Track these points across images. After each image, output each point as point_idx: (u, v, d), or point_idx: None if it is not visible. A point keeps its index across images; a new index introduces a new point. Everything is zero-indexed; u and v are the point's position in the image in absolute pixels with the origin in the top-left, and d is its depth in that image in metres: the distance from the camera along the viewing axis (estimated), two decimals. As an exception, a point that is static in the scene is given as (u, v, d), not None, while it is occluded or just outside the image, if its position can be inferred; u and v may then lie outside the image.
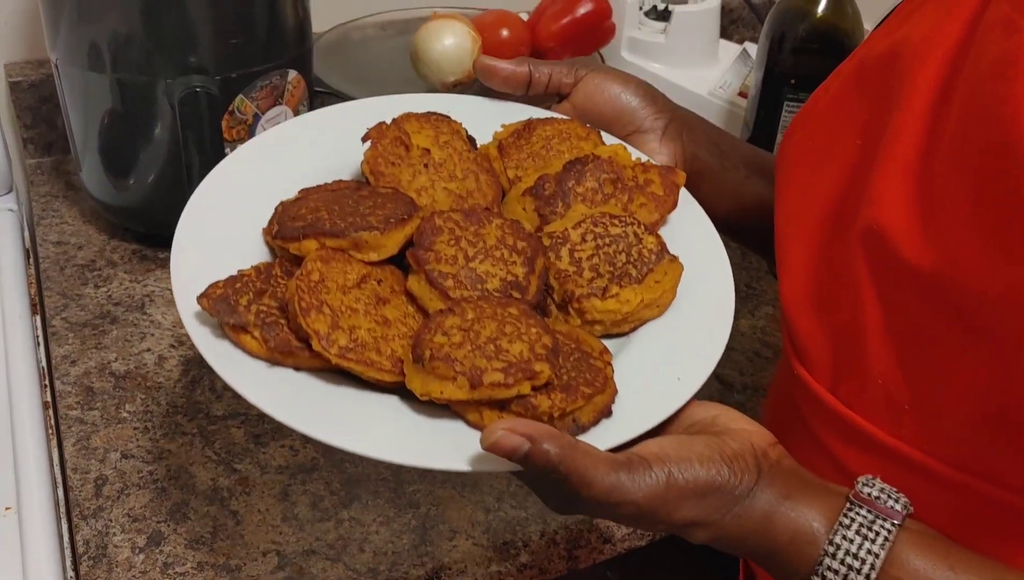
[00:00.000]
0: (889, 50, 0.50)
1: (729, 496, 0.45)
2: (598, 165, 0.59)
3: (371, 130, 0.58)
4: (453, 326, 0.47)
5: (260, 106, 0.83)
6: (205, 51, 0.77)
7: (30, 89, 0.98)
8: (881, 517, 0.44)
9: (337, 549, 0.63)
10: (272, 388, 0.46)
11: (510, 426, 0.42)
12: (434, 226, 0.53)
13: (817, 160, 0.54)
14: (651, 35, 1.06)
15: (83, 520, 0.63)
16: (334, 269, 0.50)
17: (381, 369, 0.47)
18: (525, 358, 0.46)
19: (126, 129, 0.82)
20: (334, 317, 0.48)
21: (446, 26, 0.94)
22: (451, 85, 0.95)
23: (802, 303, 0.53)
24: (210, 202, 0.55)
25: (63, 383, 0.74)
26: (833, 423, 0.51)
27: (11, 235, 0.91)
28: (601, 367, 0.49)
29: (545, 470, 0.42)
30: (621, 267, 0.54)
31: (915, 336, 0.46)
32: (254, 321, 0.47)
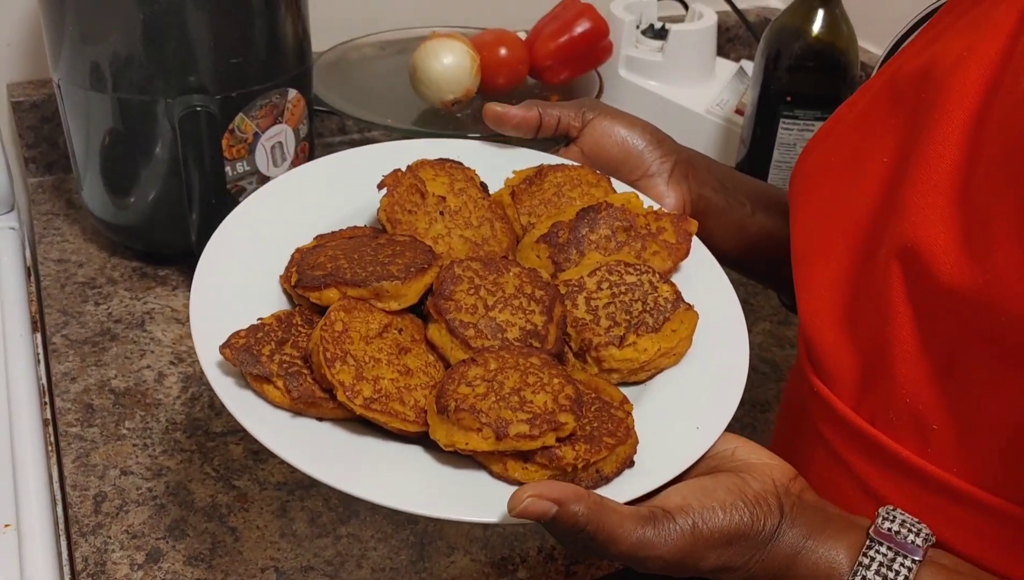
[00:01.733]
0: (922, 68, 0.50)
1: (754, 541, 0.45)
2: (611, 213, 0.59)
3: (387, 177, 0.58)
4: (476, 377, 0.48)
5: (260, 125, 0.83)
6: (205, 70, 0.78)
7: (32, 109, 0.99)
8: (901, 554, 0.44)
9: (335, 565, 0.63)
10: (297, 439, 0.46)
11: (537, 492, 0.42)
12: (453, 275, 0.53)
13: (842, 177, 0.54)
14: (648, 53, 1.07)
15: (82, 537, 0.64)
16: (356, 319, 0.50)
17: (405, 419, 0.47)
18: (549, 409, 0.46)
19: (127, 148, 0.82)
20: (358, 367, 0.48)
21: (445, 45, 0.95)
22: (450, 103, 0.96)
23: (825, 320, 0.52)
24: (226, 249, 0.55)
25: (63, 400, 0.74)
26: (855, 441, 0.50)
27: (12, 253, 0.92)
28: (622, 417, 0.49)
29: (574, 530, 0.43)
30: (638, 316, 0.54)
31: (949, 357, 0.45)
32: (277, 371, 0.47)
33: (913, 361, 0.46)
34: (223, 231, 0.56)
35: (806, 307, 0.54)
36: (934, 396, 0.46)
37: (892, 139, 0.51)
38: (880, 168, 0.51)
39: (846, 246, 0.52)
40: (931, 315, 0.45)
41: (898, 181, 0.48)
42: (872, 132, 0.53)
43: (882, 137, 0.52)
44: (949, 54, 0.48)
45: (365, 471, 0.46)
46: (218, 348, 0.48)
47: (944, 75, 0.47)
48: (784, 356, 0.86)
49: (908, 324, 0.46)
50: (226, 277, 0.54)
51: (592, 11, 0.99)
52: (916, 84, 0.50)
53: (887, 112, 0.52)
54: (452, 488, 0.46)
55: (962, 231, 0.44)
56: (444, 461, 0.47)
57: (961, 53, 0.47)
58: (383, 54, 1.08)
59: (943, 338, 0.45)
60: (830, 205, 0.54)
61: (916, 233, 0.45)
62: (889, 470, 0.49)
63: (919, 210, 0.46)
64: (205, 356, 0.49)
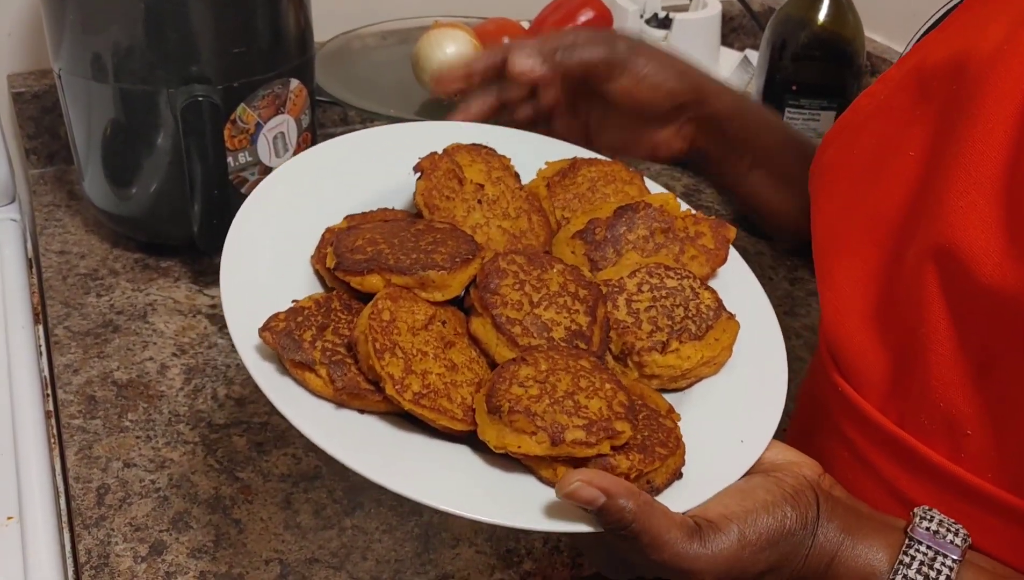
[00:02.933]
0: (952, 60, 0.48)
1: (800, 536, 0.45)
2: (649, 213, 0.58)
3: (423, 161, 0.57)
4: (528, 377, 0.46)
5: (262, 115, 0.83)
6: (207, 60, 0.78)
7: (33, 100, 0.99)
8: (941, 553, 0.44)
9: (340, 557, 0.63)
10: (340, 432, 0.45)
11: (587, 478, 0.42)
12: (499, 268, 0.51)
13: (865, 170, 0.52)
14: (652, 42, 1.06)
15: (85, 529, 0.63)
16: (403, 309, 0.48)
17: (453, 418, 0.46)
18: (605, 416, 0.45)
19: (128, 139, 0.82)
20: (407, 360, 0.46)
21: (448, 35, 0.95)
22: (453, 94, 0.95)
23: (851, 318, 0.51)
24: (253, 228, 0.53)
25: (65, 392, 0.74)
26: (882, 443, 0.49)
27: (14, 245, 0.91)
28: (672, 427, 0.48)
29: (619, 525, 0.42)
30: (680, 322, 0.53)
31: (986, 360, 0.44)
32: (320, 358, 0.45)
33: (948, 364, 0.45)
34: (248, 209, 0.54)
35: (829, 304, 0.53)
36: (969, 400, 0.44)
37: (920, 132, 0.49)
38: (908, 162, 0.49)
39: (873, 243, 0.50)
40: (969, 317, 0.44)
41: (931, 178, 0.47)
42: (896, 124, 0.51)
43: (908, 130, 0.50)
44: (985, 44, 0.46)
45: (413, 469, 0.44)
46: (257, 331, 0.46)
47: (981, 67, 0.45)
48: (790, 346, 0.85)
49: (944, 326, 0.45)
50: (255, 257, 0.52)
51: (596, 0, 0.98)
52: (947, 75, 0.48)
53: (912, 104, 0.50)
54: (501, 491, 0.45)
55: (1006, 231, 0.42)
56: (491, 463, 0.46)
57: (999, 44, 0.45)
58: (385, 44, 1.07)
59: (981, 341, 0.44)
60: (853, 199, 0.53)
61: (954, 233, 0.44)
62: (919, 474, 0.48)
63: (957, 209, 0.44)
64: (241, 340, 0.47)
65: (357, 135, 0.62)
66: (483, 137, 0.62)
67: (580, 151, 0.65)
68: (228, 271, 0.50)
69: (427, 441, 0.46)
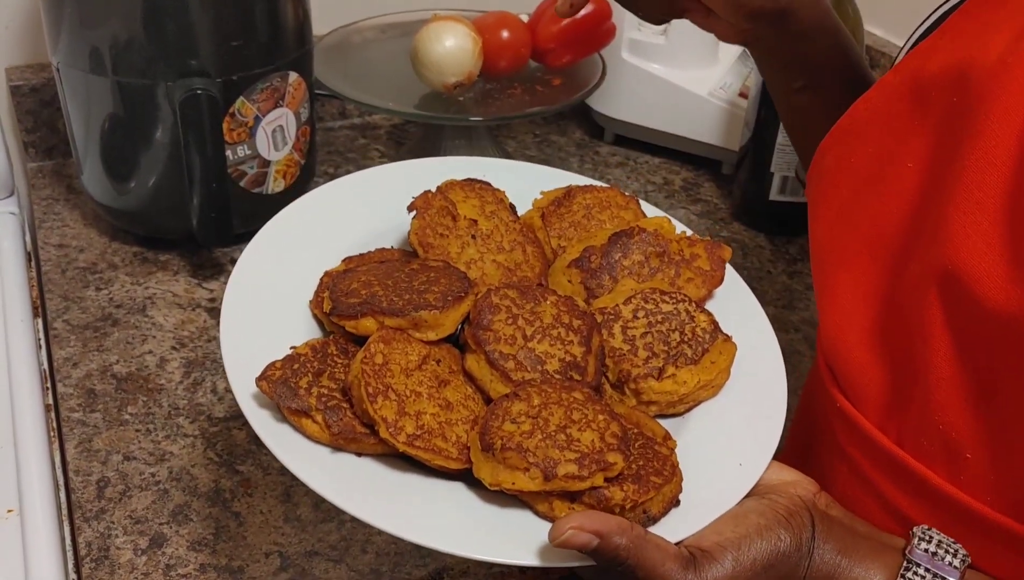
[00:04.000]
0: (952, 70, 0.46)
1: (795, 558, 0.45)
2: (644, 238, 0.59)
3: (417, 199, 0.57)
4: (520, 413, 0.47)
5: (261, 108, 0.83)
6: (206, 54, 0.78)
7: (31, 93, 0.99)
8: (939, 576, 0.44)
9: (340, 550, 0.63)
10: (338, 477, 0.46)
11: (579, 523, 0.42)
12: (491, 304, 0.52)
13: (864, 181, 0.51)
14: (651, 36, 1.06)
15: (85, 522, 0.63)
16: (396, 350, 0.49)
17: (448, 457, 0.46)
18: (597, 448, 0.45)
19: (127, 132, 0.82)
20: (400, 402, 0.47)
21: (447, 28, 0.95)
22: (452, 86, 0.95)
23: (851, 335, 0.50)
24: (253, 273, 0.55)
25: (65, 385, 0.74)
26: (882, 462, 0.49)
27: (12, 238, 0.91)
28: (667, 455, 0.48)
29: (615, 562, 0.42)
30: (676, 347, 0.53)
31: (989, 385, 0.43)
32: (315, 405, 0.46)
33: (949, 387, 0.44)
34: (249, 254, 0.56)
35: (828, 318, 0.52)
36: (970, 424, 0.44)
37: (919, 144, 0.48)
38: (907, 175, 0.48)
39: (873, 259, 0.49)
40: (971, 341, 0.43)
41: (932, 194, 0.45)
42: (892, 134, 0.50)
43: (906, 140, 0.48)
44: (988, 53, 0.44)
45: (411, 511, 0.45)
46: (254, 381, 0.47)
47: (984, 80, 0.43)
48: (789, 340, 0.85)
49: (946, 349, 0.44)
50: (255, 303, 0.53)
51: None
52: (947, 86, 0.46)
53: (910, 114, 0.49)
54: (498, 529, 0.45)
55: (1010, 254, 0.41)
56: (488, 499, 0.46)
57: (1002, 56, 0.43)
58: (384, 37, 1.07)
59: (983, 365, 0.43)
60: (851, 209, 0.52)
61: (958, 256, 0.42)
62: (916, 495, 0.47)
63: (961, 231, 0.42)
64: (239, 388, 0.48)
65: (353, 177, 0.63)
66: (479, 171, 0.63)
67: (575, 179, 0.66)
68: (228, 319, 0.51)
69: (423, 481, 0.47)
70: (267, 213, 0.58)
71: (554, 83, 1.01)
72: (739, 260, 0.96)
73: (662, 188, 1.07)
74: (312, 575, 0.61)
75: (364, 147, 1.10)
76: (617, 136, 1.14)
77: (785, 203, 0.98)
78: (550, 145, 1.14)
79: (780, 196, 0.98)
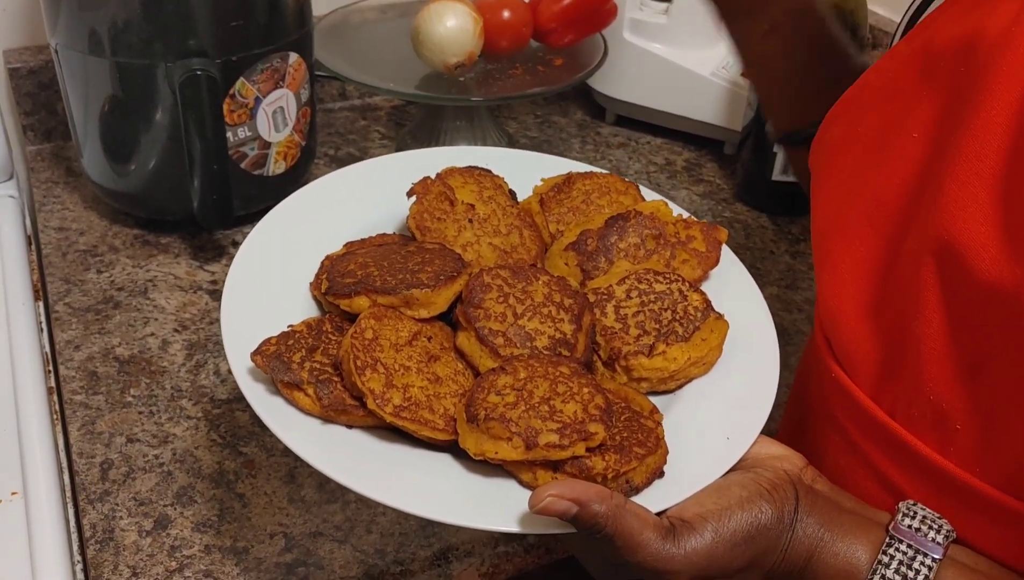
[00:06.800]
0: (961, 40, 0.46)
1: (776, 531, 0.45)
2: (640, 221, 0.59)
3: (416, 185, 0.59)
4: (506, 386, 0.48)
5: (261, 89, 0.82)
6: (205, 34, 0.77)
7: (30, 75, 0.98)
8: (922, 552, 0.44)
9: (344, 531, 0.63)
10: (327, 447, 0.47)
11: (558, 491, 0.42)
12: (483, 283, 0.53)
13: (868, 149, 0.51)
14: (653, 16, 1.06)
15: (89, 504, 0.63)
16: (386, 327, 0.50)
17: (435, 428, 0.47)
18: (579, 419, 0.46)
19: (127, 114, 0.81)
20: (388, 375, 0.48)
21: (448, 8, 0.94)
22: (453, 67, 0.95)
23: (848, 304, 0.50)
24: (256, 257, 0.56)
25: (67, 368, 0.74)
26: (873, 432, 0.49)
27: (12, 222, 0.91)
28: (652, 427, 0.48)
29: (593, 529, 0.42)
30: (667, 325, 0.54)
31: (980, 357, 0.43)
32: (307, 378, 0.48)
33: (941, 359, 0.44)
34: (253, 239, 0.57)
35: (826, 287, 0.52)
36: (960, 396, 0.44)
37: (924, 114, 0.47)
38: (910, 145, 0.47)
39: (873, 228, 0.49)
40: (963, 314, 0.43)
41: (933, 164, 0.45)
42: (901, 103, 0.49)
43: (912, 110, 0.48)
44: (994, 25, 0.44)
45: (394, 479, 0.46)
46: (249, 355, 0.49)
47: (989, 50, 0.43)
48: (792, 320, 0.85)
49: (939, 320, 0.44)
50: (257, 285, 0.54)
51: (596, -28, 0.97)
52: (955, 57, 0.46)
53: (917, 84, 0.48)
54: (481, 497, 0.46)
55: (1004, 226, 0.41)
56: (473, 469, 0.47)
57: (1008, 26, 0.43)
58: (385, 17, 1.07)
59: (976, 337, 0.43)
60: (855, 179, 0.51)
61: (954, 226, 0.42)
62: (907, 465, 0.47)
63: (958, 202, 0.42)
64: (236, 363, 0.49)
65: (358, 166, 0.65)
66: (487, 160, 0.64)
67: (576, 166, 0.66)
68: (229, 300, 0.53)
69: (411, 451, 0.48)
70: (268, 195, 0.59)
71: (556, 63, 1.01)
72: (741, 240, 0.96)
73: (664, 169, 1.07)
74: (316, 556, 0.61)
75: (365, 128, 1.10)
76: (619, 117, 1.13)
77: (788, 183, 0.98)
78: (551, 126, 1.14)
79: (783, 176, 0.98)
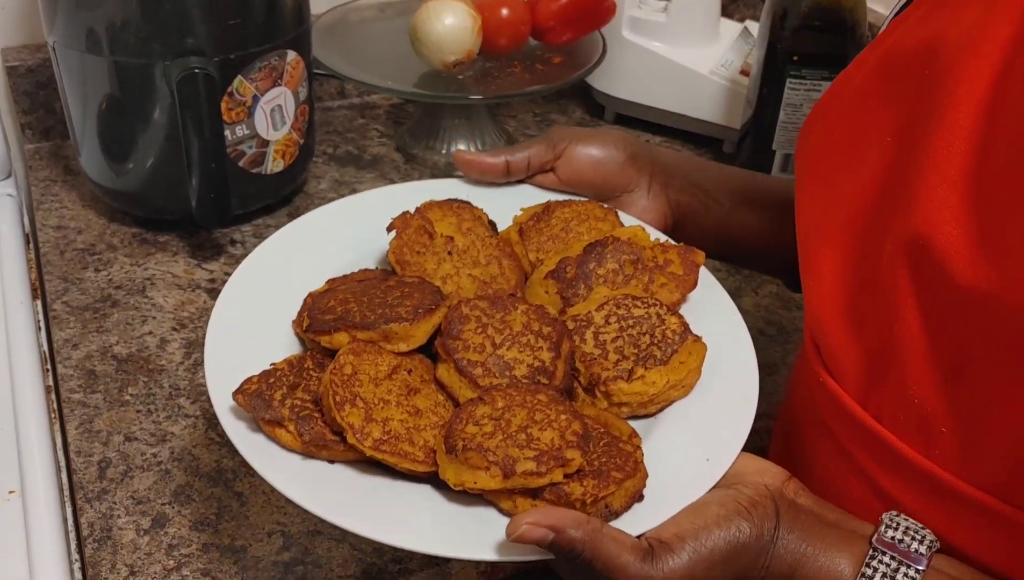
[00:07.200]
0: (923, 45, 0.46)
1: (756, 548, 0.45)
2: (617, 246, 0.59)
3: (395, 220, 0.60)
4: (484, 415, 0.48)
5: (259, 88, 0.82)
6: (203, 32, 0.77)
7: (27, 74, 0.98)
8: (905, 563, 0.44)
9: (342, 529, 0.63)
10: (308, 481, 0.47)
11: (535, 519, 0.43)
12: (461, 315, 0.53)
13: (842, 157, 0.51)
14: (652, 14, 1.05)
15: (87, 503, 0.63)
16: (366, 361, 0.51)
17: (415, 460, 0.47)
18: (556, 446, 0.46)
19: (124, 112, 0.81)
20: (367, 409, 0.49)
21: (446, 6, 0.94)
22: (451, 65, 0.95)
23: (832, 311, 0.50)
24: (240, 295, 0.57)
25: (65, 367, 0.74)
26: (861, 437, 0.49)
27: (11, 220, 0.91)
28: (631, 451, 0.49)
29: (571, 554, 0.43)
30: (646, 349, 0.54)
31: (959, 359, 0.43)
32: (288, 415, 0.48)
33: (922, 362, 0.44)
34: (237, 277, 0.58)
35: (812, 293, 0.52)
36: (943, 399, 0.44)
37: (892, 119, 0.48)
38: (882, 150, 0.48)
39: (852, 233, 0.49)
40: (941, 315, 0.43)
41: (902, 167, 0.45)
42: (870, 110, 0.50)
43: (880, 116, 0.48)
44: (955, 29, 0.44)
45: (375, 512, 0.46)
46: (231, 394, 0.49)
47: (951, 53, 0.44)
48: (791, 318, 0.85)
49: (918, 324, 0.44)
50: (240, 324, 0.55)
51: (595, -29, 0.97)
52: (917, 61, 0.46)
53: (884, 89, 0.49)
54: (462, 527, 0.46)
55: (976, 229, 0.40)
56: (454, 500, 0.47)
57: (970, 29, 0.43)
58: (383, 16, 1.06)
59: (954, 339, 0.42)
60: (833, 185, 0.51)
61: (927, 229, 0.42)
62: (895, 469, 0.47)
63: (929, 204, 0.42)
64: (219, 401, 0.50)
65: (340, 202, 0.65)
66: (468, 192, 0.65)
67: (556, 196, 0.67)
68: (213, 337, 0.54)
69: (391, 484, 0.48)
70: (266, 193, 0.59)
71: (554, 61, 1.01)
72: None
73: (663, 167, 1.06)
74: (315, 554, 0.61)
75: (363, 126, 1.10)
76: (618, 115, 1.13)
77: (786, 181, 0.98)
78: (550, 124, 1.14)
79: (782, 174, 0.98)
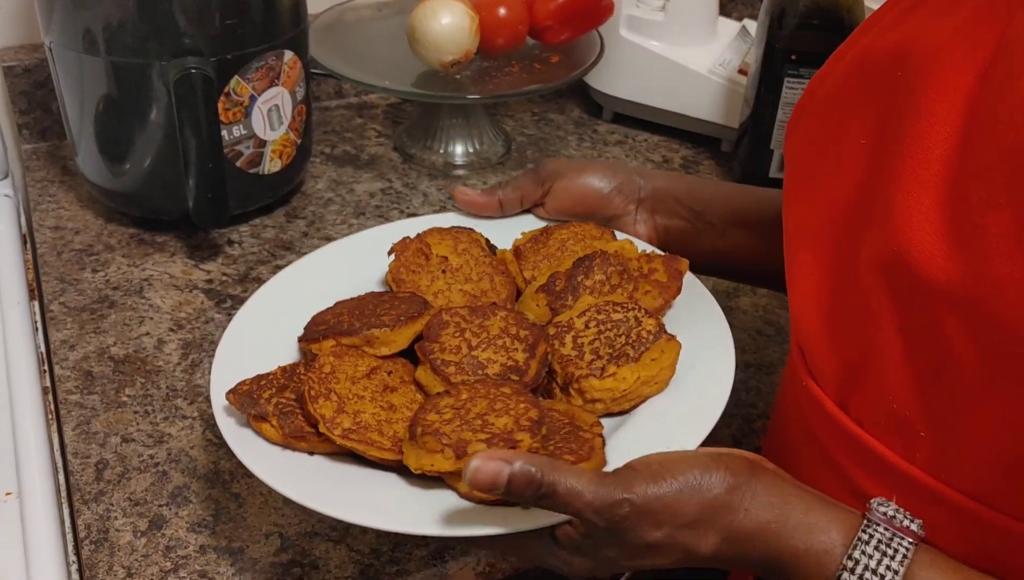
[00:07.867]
0: (895, 49, 0.46)
1: (727, 484, 0.45)
2: (605, 259, 0.62)
3: (396, 244, 0.64)
4: (447, 406, 0.51)
5: (256, 88, 0.82)
6: (199, 32, 0.77)
7: (24, 74, 0.98)
8: (899, 535, 0.44)
9: (340, 531, 0.63)
10: (283, 468, 0.51)
11: (485, 455, 0.44)
12: (441, 321, 0.57)
13: (820, 161, 0.51)
14: (650, 13, 1.05)
15: (84, 504, 0.63)
16: (346, 363, 0.55)
17: (382, 448, 0.50)
18: (509, 430, 0.48)
19: (121, 113, 0.81)
20: (340, 403, 0.52)
21: (443, 5, 0.94)
22: (449, 65, 0.94)
23: (812, 315, 0.50)
24: (253, 317, 0.62)
25: (62, 368, 0.74)
26: (844, 441, 0.49)
27: (8, 221, 0.91)
28: (589, 438, 0.50)
29: (530, 487, 0.43)
30: (620, 348, 0.56)
31: (936, 363, 0.43)
32: (272, 411, 0.52)
33: (900, 366, 0.44)
34: (250, 304, 0.62)
35: (795, 298, 0.52)
36: (921, 404, 0.44)
37: (867, 121, 0.47)
38: (860, 152, 0.47)
39: (831, 237, 0.49)
40: (918, 319, 0.43)
41: (876, 174, 0.45)
42: (845, 110, 0.49)
43: (855, 117, 0.48)
44: (925, 39, 0.44)
45: (342, 495, 0.50)
46: (224, 394, 0.54)
47: (922, 61, 0.43)
48: (788, 318, 0.85)
49: (894, 328, 0.44)
50: (251, 340, 0.60)
51: (593, -30, 0.97)
52: (889, 67, 0.46)
53: (858, 91, 0.48)
54: (422, 507, 0.49)
55: (953, 234, 0.40)
56: (417, 484, 0.50)
57: (949, 34, 0.43)
58: (380, 15, 1.06)
59: (931, 344, 0.42)
60: (813, 189, 0.51)
61: (903, 235, 0.42)
62: (877, 473, 0.47)
63: (904, 210, 0.42)
64: (216, 401, 0.55)
65: (359, 234, 0.70)
66: (474, 222, 0.69)
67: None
68: (223, 351, 0.58)
69: (360, 470, 0.52)
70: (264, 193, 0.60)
71: (552, 61, 1.00)
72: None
73: (661, 166, 1.06)
74: (312, 556, 0.61)
75: (361, 126, 1.09)
76: (616, 114, 1.13)
77: (785, 181, 0.98)
78: (548, 123, 1.13)
79: (780, 173, 0.98)
